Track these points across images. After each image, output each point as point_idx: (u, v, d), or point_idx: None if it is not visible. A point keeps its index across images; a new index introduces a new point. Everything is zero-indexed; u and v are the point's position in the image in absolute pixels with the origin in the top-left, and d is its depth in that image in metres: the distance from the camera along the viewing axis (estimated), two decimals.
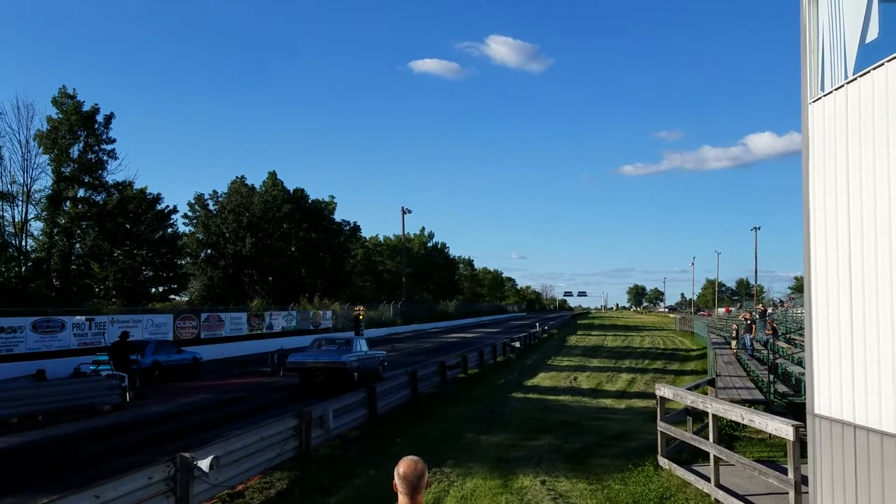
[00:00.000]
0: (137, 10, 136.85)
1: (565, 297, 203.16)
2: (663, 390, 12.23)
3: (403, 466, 3.19)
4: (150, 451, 12.08)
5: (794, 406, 15.32)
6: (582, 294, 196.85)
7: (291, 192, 60.64)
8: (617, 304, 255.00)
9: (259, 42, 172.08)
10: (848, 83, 6.74)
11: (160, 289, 45.94)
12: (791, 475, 7.99)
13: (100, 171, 38.78)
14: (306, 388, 21.20)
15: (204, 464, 8.41)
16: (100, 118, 38.47)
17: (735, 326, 32.64)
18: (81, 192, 38.51)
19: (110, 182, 39.56)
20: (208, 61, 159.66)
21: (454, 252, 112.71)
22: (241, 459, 9.92)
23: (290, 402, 18.54)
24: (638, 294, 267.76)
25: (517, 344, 38.21)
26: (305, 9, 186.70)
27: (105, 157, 39.02)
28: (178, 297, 49.50)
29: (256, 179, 60.63)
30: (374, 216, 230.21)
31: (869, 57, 6.40)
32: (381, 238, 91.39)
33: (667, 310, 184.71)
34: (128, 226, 40.53)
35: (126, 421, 16.00)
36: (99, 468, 11.04)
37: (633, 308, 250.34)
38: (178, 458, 8.30)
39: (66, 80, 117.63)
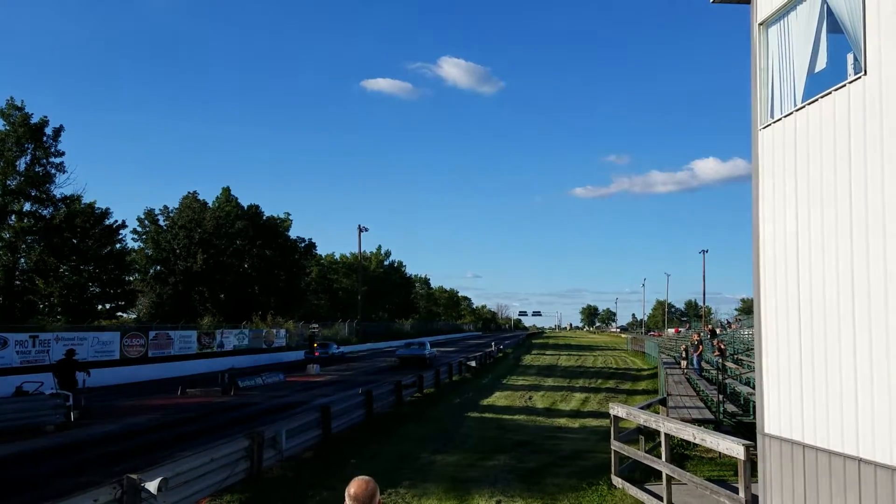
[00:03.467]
0: (86, 22, 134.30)
1: (520, 317, 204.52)
2: (617, 409, 12.34)
3: (354, 487, 3.13)
4: (96, 473, 11.67)
5: (742, 425, 15.60)
6: (537, 314, 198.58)
7: (245, 208, 59.86)
8: (570, 324, 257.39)
9: (211, 57, 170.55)
10: (797, 111, 6.98)
11: (107, 306, 44.62)
12: (742, 494, 8.11)
13: (47, 185, 37.76)
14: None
15: (152, 486, 8.16)
16: (48, 130, 37.52)
17: (685, 347, 33.20)
18: (27, 206, 37.45)
19: (58, 196, 38.54)
20: (160, 75, 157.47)
21: (411, 271, 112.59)
22: (190, 481, 9.65)
23: (241, 422, 18.17)
24: (591, 314, 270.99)
25: (473, 363, 38.21)
26: (257, 25, 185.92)
27: (53, 171, 38.05)
28: (125, 315, 48.20)
29: (209, 195, 59.60)
30: (330, 233, 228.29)
31: (817, 86, 6.65)
32: (338, 256, 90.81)
33: (618, 330, 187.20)
34: (75, 241, 39.40)
35: (71, 441, 15.46)
36: (41, 491, 10.65)
37: (587, 328, 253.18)
38: (124, 479, 8.04)
39: (13, 91, 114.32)
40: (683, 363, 30.85)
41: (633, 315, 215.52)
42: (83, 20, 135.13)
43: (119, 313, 46.63)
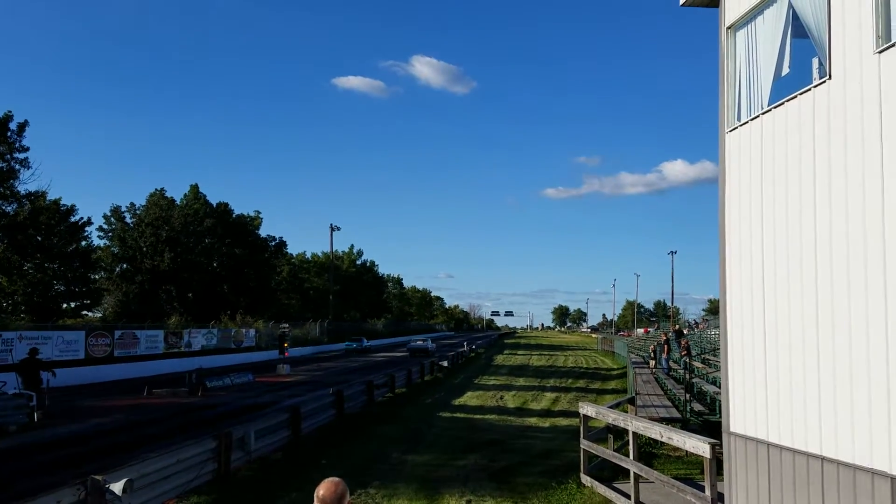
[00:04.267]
0: (51, 15, 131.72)
1: (493, 317, 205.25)
2: (586, 408, 12.43)
3: (323, 489, 3.10)
4: (60, 474, 11.42)
5: (709, 424, 15.79)
6: (509, 314, 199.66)
7: (214, 205, 59.10)
8: (542, 324, 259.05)
9: (181, 53, 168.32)
10: (763, 114, 7.09)
11: (72, 304, 43.85)
12: (708, 492, 8.22)
13: (11, 181, 36.93)
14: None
15: (117, 487, 8.02)
16: (13, 125, 36.70)
17: (653, 347, 33.58)
18: None
19: (22, 192, 37.76)
20: (127, 70, 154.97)
21: (383, 270, 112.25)
22: (156, 482, 9.50)
23: (208, 423, 17.95)
24: (562, 314, 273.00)
25: (445, 363, 38.24)
26: (228, 20, 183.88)
27: (17, 167, 37.24)
28: (90, 314, 47.41)
29: (177, 192, 58.83)
30: (301, 232, 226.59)
31: (783, 90, 6.76)
32: (309, 255, 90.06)
33: (589, 330, 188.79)
34: (39, 238, 38.63)
35: (34, 442, 15.16)
36: (2, 492, 10.40)
37: (558, 328, 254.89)
38: (88, 480, 7.89)
39: None
40: (652, 363, 31.22)
41: (604, 315, 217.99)
42: (47, 12, 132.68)
43: (84, 312, 45.86)
